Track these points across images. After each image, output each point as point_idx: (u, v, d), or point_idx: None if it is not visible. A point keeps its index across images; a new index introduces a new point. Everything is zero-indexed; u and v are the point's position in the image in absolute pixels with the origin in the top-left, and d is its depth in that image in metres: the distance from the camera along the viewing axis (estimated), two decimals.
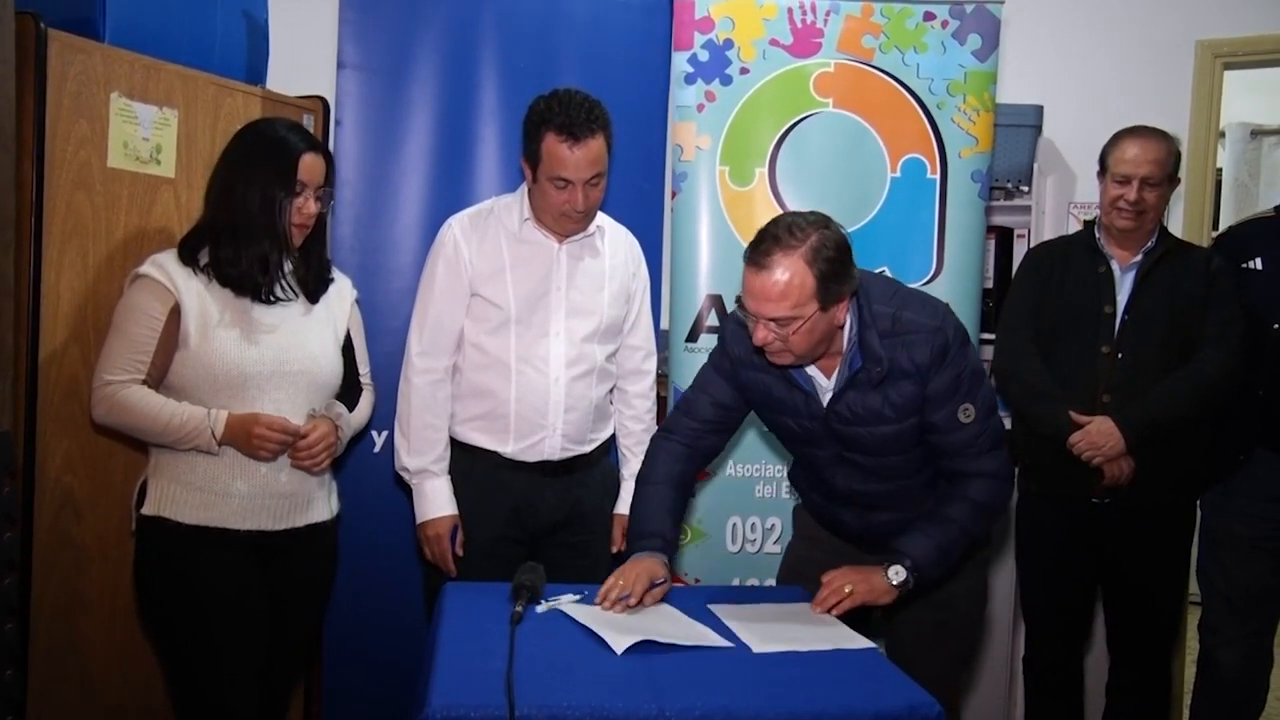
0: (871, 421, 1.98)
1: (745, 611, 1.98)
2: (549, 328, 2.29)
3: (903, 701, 1.59)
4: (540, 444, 2.34)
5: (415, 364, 2.29)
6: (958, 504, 1.99)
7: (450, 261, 2.26)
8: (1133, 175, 2.56)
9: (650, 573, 1.98)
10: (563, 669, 1.65)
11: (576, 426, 2.37)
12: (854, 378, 1.95)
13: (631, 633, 1.81)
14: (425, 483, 2.26)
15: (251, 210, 1.98)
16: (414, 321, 2.30)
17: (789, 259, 1.81)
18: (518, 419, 2.30)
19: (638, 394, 2.44)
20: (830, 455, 2.08)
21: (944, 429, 1.96)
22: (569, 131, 2.11)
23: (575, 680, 1.61)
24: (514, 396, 2.29)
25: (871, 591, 1.94)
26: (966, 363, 1.94)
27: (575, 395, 2.33)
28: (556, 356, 2.29)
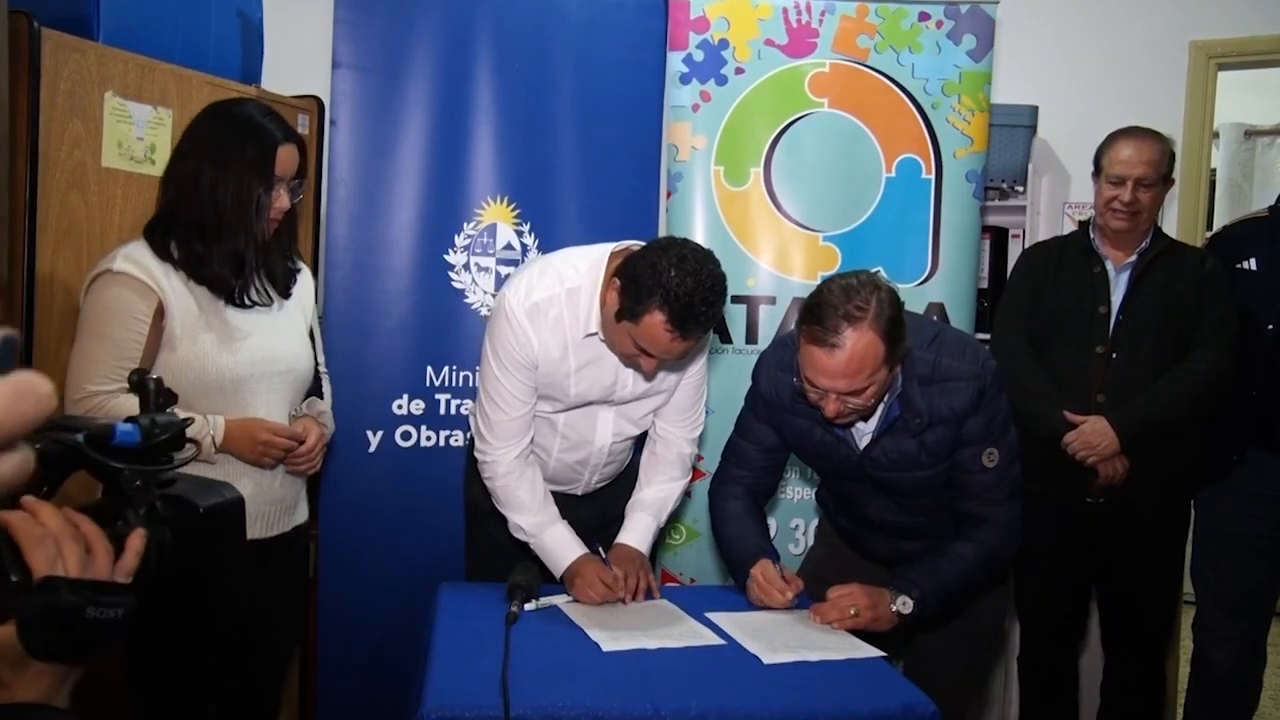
0: (906, 467, 1.98)
1: (747, 620, 1.97)
2: (605, 412, 2.22)
3: (898, 702, 1.59)
4: (573, 487, 2.32)
5: (493, 458, 2.14)
6: (971, 547, 1.99)
7: (524, 364, 2.07)
8: (1127, 176, 2.56)
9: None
10: (558, 669, 1.66)
11: (611, 473, 2.36)
12: (891, 424, 1.95)
13: (621, 637, 1.82)
14: (544, 534, 2.16)
15: (223, 204, 1.84)
16: (483, 413, 2.14)
17: (858, 331, 1.76)
18: (555, 470, 2.27)
19: (684, 438, 2.32)
20: (863, 488, 2.09)
21: (966, 469, 1.97)
22: (681, 326, 1.85)
23: (570, 680, 1.61)
24: (555, 453, 2.24)
25: (876, 620, 1.94)
26: (1000, 408, 1.95)
27: (616, 452, 2.30)
28: (604, 431, 2.23)
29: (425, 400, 2.79)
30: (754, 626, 1.93)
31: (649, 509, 2.25)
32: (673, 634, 1.87)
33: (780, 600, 2.03)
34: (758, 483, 2.20)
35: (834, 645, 1.84)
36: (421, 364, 2.78)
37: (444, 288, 2.79)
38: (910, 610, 1.95)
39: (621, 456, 2.34)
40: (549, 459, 2.24)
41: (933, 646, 2.13)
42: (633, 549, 2.18)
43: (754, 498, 2.21)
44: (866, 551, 2.23)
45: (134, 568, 0.96)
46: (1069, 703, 2.82)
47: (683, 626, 1.92)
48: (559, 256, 2.10)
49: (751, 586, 2.07)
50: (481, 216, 2.81)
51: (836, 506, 2.27)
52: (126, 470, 1.01)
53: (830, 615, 1.95)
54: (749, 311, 2.78)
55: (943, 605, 1.99)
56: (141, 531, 0.99)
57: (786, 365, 2.00)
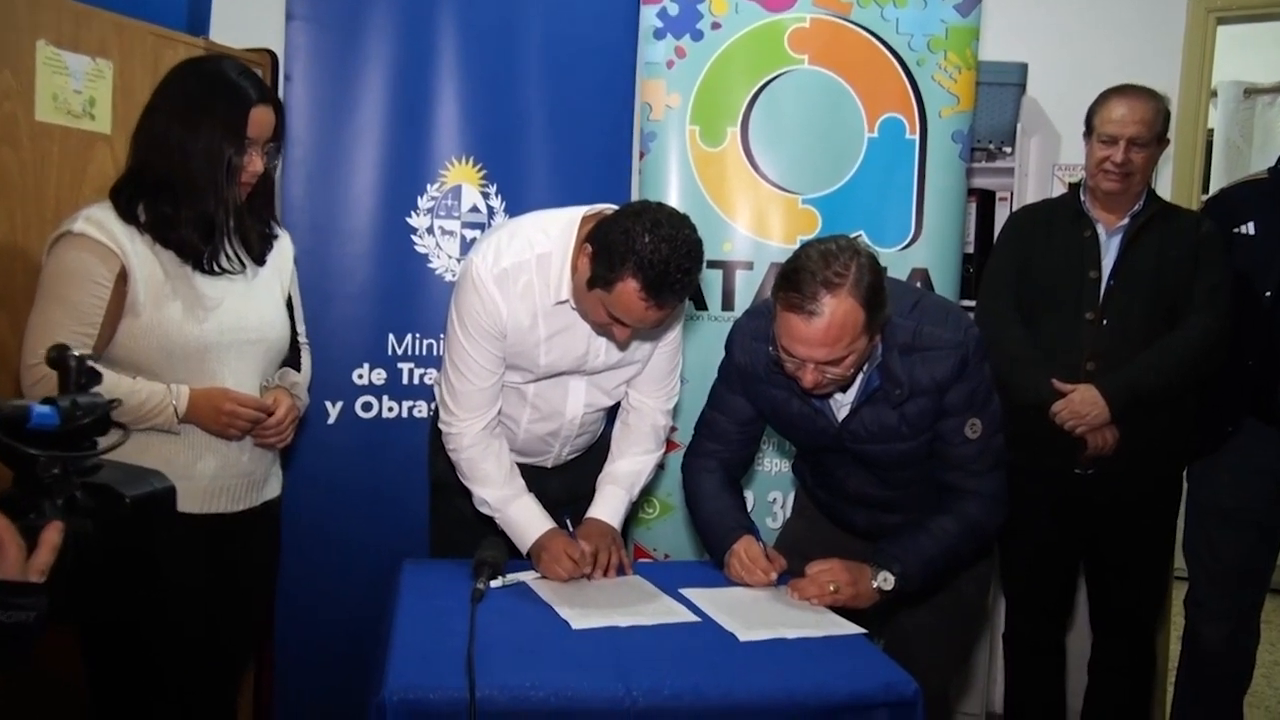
0: (886, 439, 1.99)
1: (723, 596, 1.98)
2: (576, 382, 2.22)
3: (878, 680, 1.61)
4: (543, 459, 2.33)
5: (458, 429, 2.14)
6: (954, 521, 2.00)
7: (491, 333, 2.06)
8: (1119, 135, 2.56)
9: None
10: (525, 648, 1.66)
11: (583, 444, 2.37)
12: (871, 395, 1.96)
13: (591, 615, 1.82)
14: (510, 508, 2.16)
15: (193, 165, 1.83)
16: (448, 383, 2.13)
17: (837, 298, 1.76)
18: (524, 442, 2.27)
19: (658, 409, 2.33)
20: (842, 460, 2.10)
21: (948, 440, 1.98)
22: (655, 294, 1.85)
23: (538, 660, 1.61)
24: (524, 424, 2.24)
25: (856, 597, 1.95)
26: (983, 377, 1.96)
27: (588, 424, 2.30)
28: (576, 402, 2.23)
29: (387, 370, 2.77)
30: (730, 603, 1.93)
31: (621, 482, 2.25)
32: (645, 611, 1.87)
33: (763, 580, 2.04)
34: (733, 456, 2.21)
35: (813, 622, 1.85)
36: (383, 331, 2.76)
37: (406, 252, 2.76)
38: (892, 586, 1.96)
39: (593, 428, 2.34)
40: (518, 430, 2.24)
41: (915, 623, 2.15)
42: (604, 523, 2.19)
43: (729, 471, 2.21)
44: (846, 525, 2.24)
45: (49, 565, 0.91)
46: (1056, 679, 2.84)
47: (656, 603, 1.93)
48: (528, 220, 2.09)
49: (732, 564, 2.08)
50: (446, 178, 2.78)
51: (814, 479, 2.27)
52: (43, 457, 0.96)
53: (809, 591, 1.95)
54: (725, 277, 2.77)
55: (925, 580, 2.00)
56: (58, 524, 0.94)
57: (762, 334, 2.00)
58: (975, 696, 3.24)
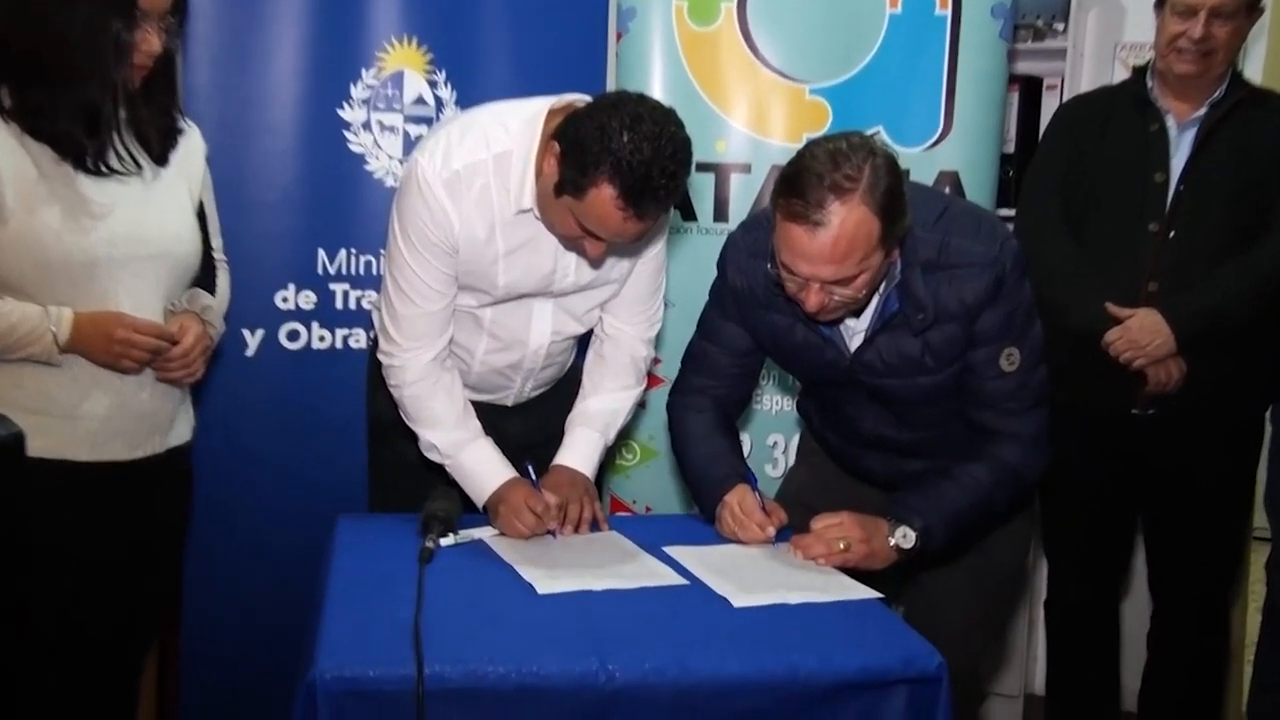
0: (906, 372, 2.00)
1: (714, 555, 2.00)
2: (542, 306, 2.23)
3: (896, 652, 1.63)
4: (502, 396, 2.35)
5: (401, 361, 2.15)
6: (987, 468, 2.02)
7: (440, 248, 2.05)
8: (1199, 4, 2.51)
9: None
10: (483, 617, 1.68)
11: (549, 378, 2.38)
12: (888, 321, 1.96)
13: (561, 578, 1.84)
14: (463, 454, 2.18)
15: (70, 42, 1.76)
16: (389, 306, 2.14)
17: (848, 206, 1.75)
18: (480, 376, 2.29)
19: (638, 338, 2.35)
20: (855, 397, 2.11)
21: (980, 373, 1.99)
22: (635, 203, 1.84)
23: (498, 631, 1.63)
24: (480, 355, 2.26)
25: (871, 556, 1.97)
26: (1022, 299, 1.96)
27: (555, 354, 2.31)
28: (541, 330, 2.24)
29: (317, 292, 2.77)
30: (722, 563, 1.95)
31: (595, 423, 2.27)
32: (624, 573, 1.89)
33: (760, 536, 2.06)
34: (727, 393, 2.23)
35: (819, 585, 1.86)
36: (311, 246, 2.76)
37: (338, 151, 2.75)
38: (912, 544, 1.98)
39: (561, 359, 2.35)
40: (472, 363, 2.26)
41: (940, 587, 2.18)
42: (574, 471, 2.21)
43: (722, 410, 2.23)
44: (859, 472, 2.27)
45: None
46: (1108, 655, 2.86)
47: (636, 564, 1.95)
48: (484, 113, 2.08)
49: (725, 517, 2.10)
50: (384, 62, 2.76)
51: (822, 420, 2.29)
52: None
53: (815, 549, 1.97)
54: (718, 182, 2.77)
55: (952, 537, 2.03)
56: None
57: (760, 250, 2.00)
58: (1011, 675, 3.28)
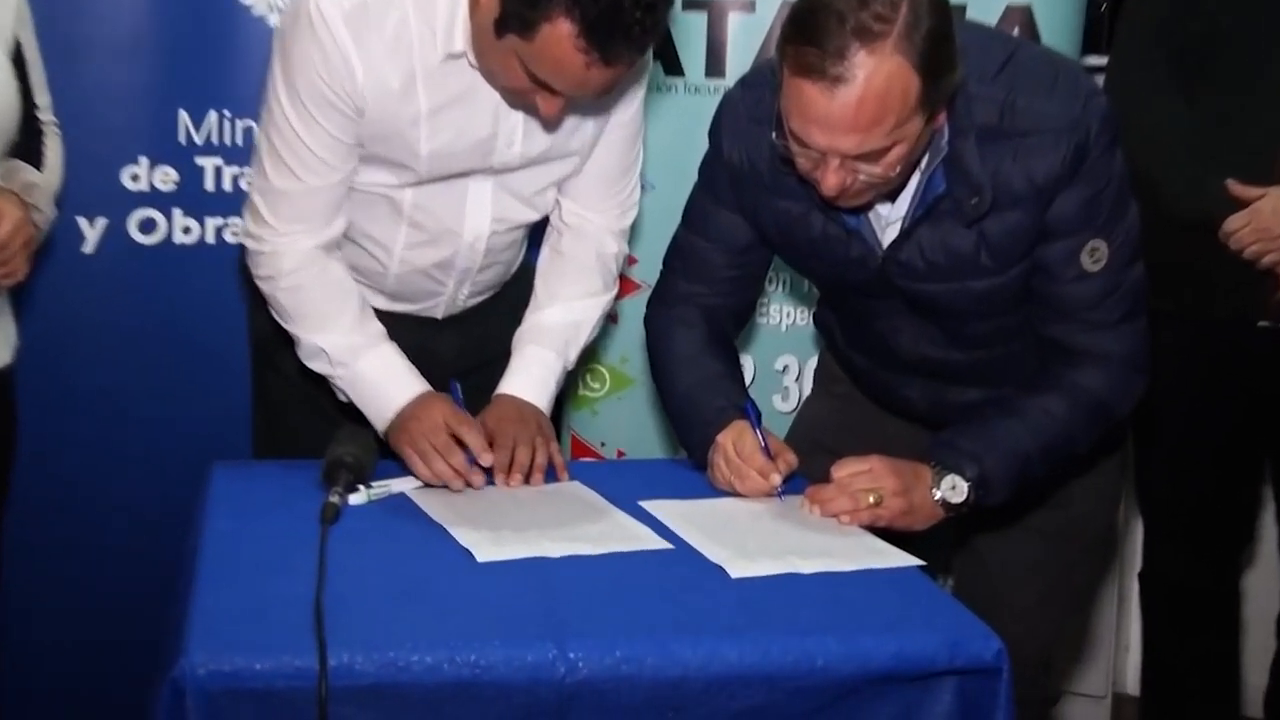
0: (955, 274, 1.99)
1: (704, 513, 2.01)
2: (479, 186, 2.22)
3: (942, 637, 1.62)
4: (429, 306, 2.38)
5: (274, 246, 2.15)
6: (1063, 399, 2.02)
7: (337, 104, 2.04)
8: None
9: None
10: (406, 593, 1.67)
11: (491, 281, 2.40)
12: (933, 207, 1.95)
13: (507, 541, 1.84)
14: (359, 362, 2.17)
15: None
16: (262, 177, 2.14)
17: (877, 56, 1.72)
18: (400, 283, 2.31)
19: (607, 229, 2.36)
20: (890, 308, 2.11)
21: (1055, 274, 1.98)
22: (600, 44, 1.82)
23: (425, 612, 1.62)
24: (399, 253, 2.27)
25: (909, 513, 1.97)
26: (1112, 175, 1.94)
27: (498, 250, 2.33)
28: (478, 217, 2.24)
29: (180, 168, 2.78)
30: (716, 522, 1.96)
31: (550, 340, 2.29)
32: (588, 535, 1.89)
33: (763, 486, 2.06)
34: (722, 302, 2.24)
35: (841, 550, 1.87)
36: (170, 108, 2.76)
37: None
38: (964, 498, 1.98)
39: (506, 257, 2.37)
40: (389, 262, 2.28)
41: (1000, 554, 2.21)
42: (523, 403, 2.22)
43: (716, 325, 2.24)
44: (895, 405, 2.29)
45: None
46: (1223, 642, 2.88)
47: (604, 524, 1.95)
48: None
49: (718, 463, 2.10)
50: None
51: (847, 337, 2.30)
52: None
53: (837, 504, 1.97)
54: (711, 24, 2.76)
55: (1015, 489, 2.03)
56: None
57: (764, 115, 1.99)
58: (1096, 668, 3.32)
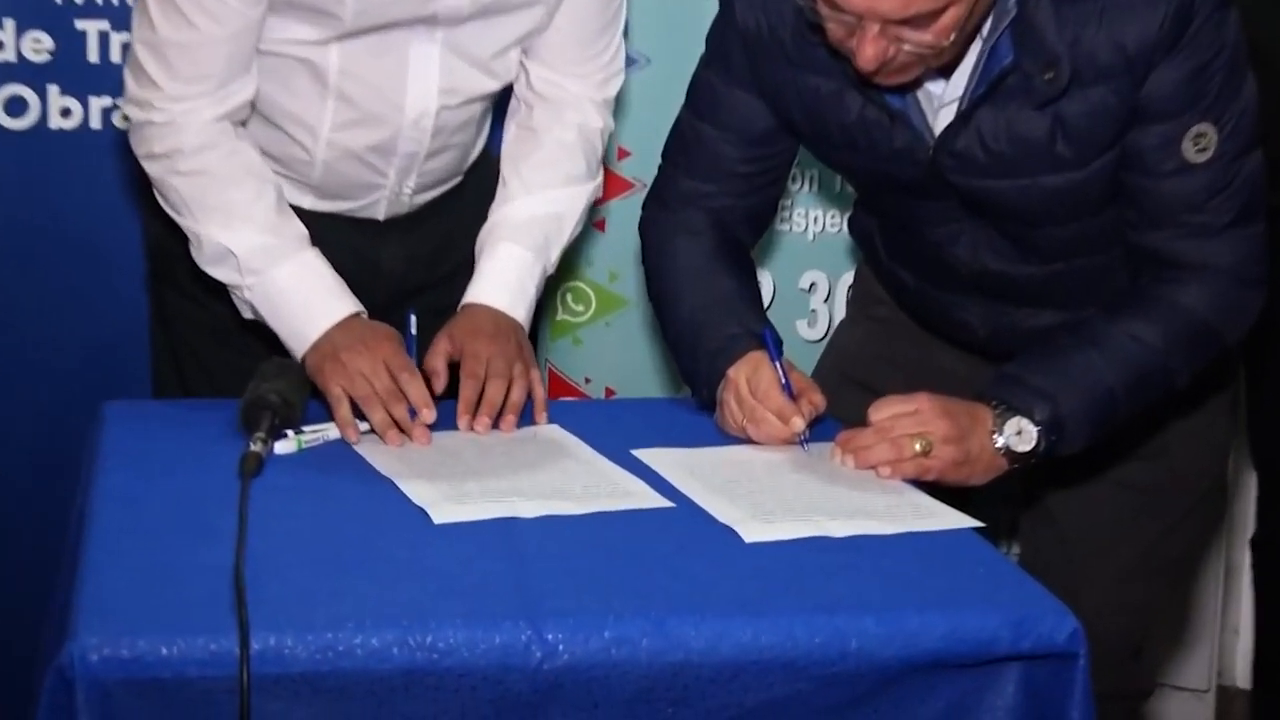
0: (1025, 168, 2.00)
1: (712, 464, 2.02)
2: (422, 46, 2.24)
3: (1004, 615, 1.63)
4: (371, 205, 2.39)
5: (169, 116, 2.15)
6: (1157, 322, 2.03)
7: None
8: None
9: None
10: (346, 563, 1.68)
11: (442, 173, 2.41)
12: (996, 84, 1.95)
13: (471, 499, 1.85)
14: (276, 269, 2.17)
15: None
16: (146, 30, 2.14)
17: None
18: (328, 174, 2.32)
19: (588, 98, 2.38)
20: (944, 211, 2.13)
21: (1150, 167, 1.99)
22: None
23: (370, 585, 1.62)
24: (326, 135, 2.28)
25: (964, 464, 1.99)
26: (1221, 45, 1.94)
27: (451, 130, 2.34)
28: (423, 86, 2.26)
29: (55, 33, 2.77)
30: (726, 475, 1.98)
31: (527, 236, 2.30)
32: (571, 491, 1.90)
33: (783, 432, 2.08)
34: (734, 204, 2.25)
35: (880, 510, 1.89)
36: None
37: None
38: (1032, 445, 1.99)
39: (462, 139, 2.39)
40: (314, 147, 2.29)
41: (1078, 515, 2.23)
42: (499, 314, 2.23)
43: (727, 233, 2.25)
44: (948, 331, 2.31)
45: None
46: None
47: (590, 477, 1.97)
48: None
49: (729, 403, 2.11)
50: None
51: (891, 248, 2.32)
52: None
53: (876, 454, 1.99)
54: None
55: (1096, 436, 2.04)
56: None
57: None
58: (1197, 657, 3.33)
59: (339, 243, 2.25)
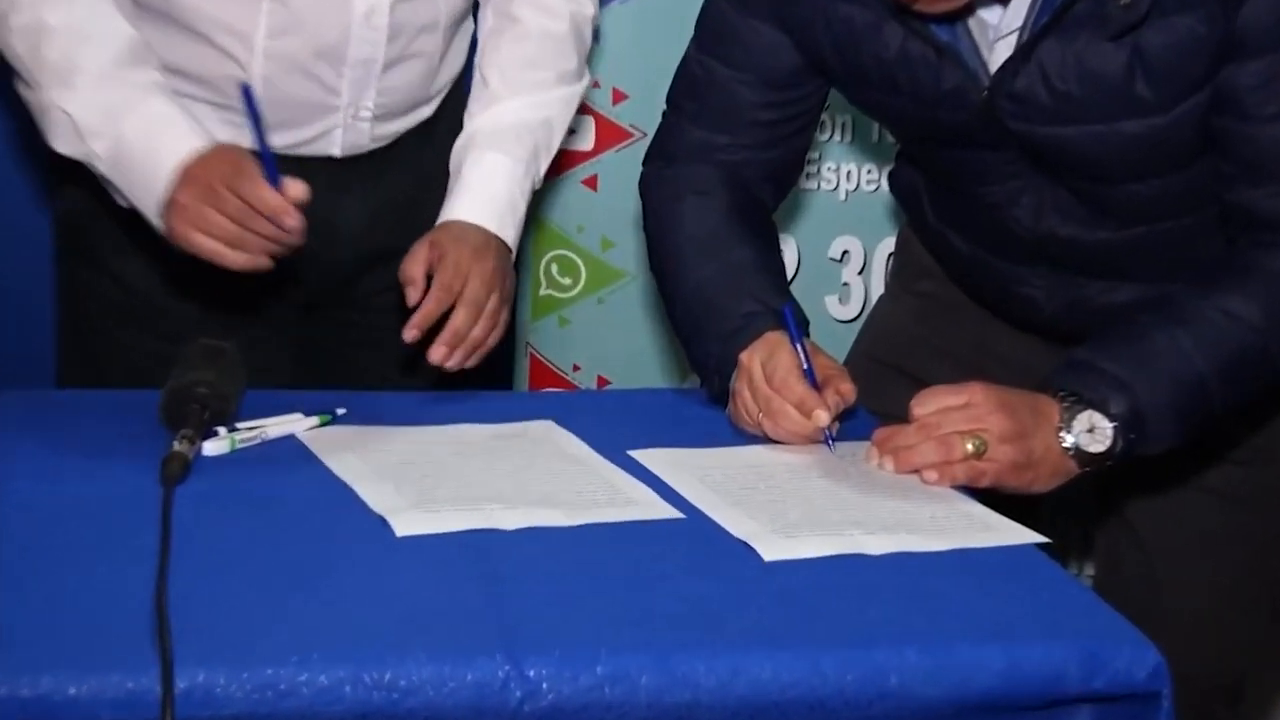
0: (1098, 111, 2.01)
1: (723, 467, 2.02)
2: None
3: (1076, 648, 1.63)
4: (325, 136, 2.39)
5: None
6: (1257, 297, 2.03)
7: None
8: None
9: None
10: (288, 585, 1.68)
11: (407, 90, 2.42)
12: (1063, 11, 1.95)
13: (441, 505, 1.85)
14: (125, 123, 2.17)
15: None
16: None
17: None
18: (271, 92, 2.30)
19: None
20: (1002, 164, 2.14)
21: (1247, 110, 2.00)
22: None
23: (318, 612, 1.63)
24: (260, 45, 2.29)
25: (1026, 467, 1.99)
26: None
27: (408, 28, 2.35)
28: None
29: None
30: (740, 480, 1.98)
31: (514, 144, 2.33)
32: (559, 498, 1.91)
33: (806, 428, 2.08)
34: (755, 159, 2.27)
35: (925, 523, 1.89)
36: None
37: None
38: (1107, 445, 2.00)
39: (428, 45, 2.41)
40: (249, 60, 2.31)
41: (1162, 529, 2.25)
42: (484, 231, 2.25)
43: (746, 193, 2.26)
44: (1008, 309, 2.32)
45: None
46: None
47: (581, 481, 1.97)
48: None
49: (743, 394, 2.12)
50: None
51: (938, 209, 2.34)
52: None
53: (920, 455, 2.00)
54: None
55: (1184, 434, 2.05)
56: None
57: None
58: None
59: (314, 204, 2.22)
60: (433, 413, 2.24)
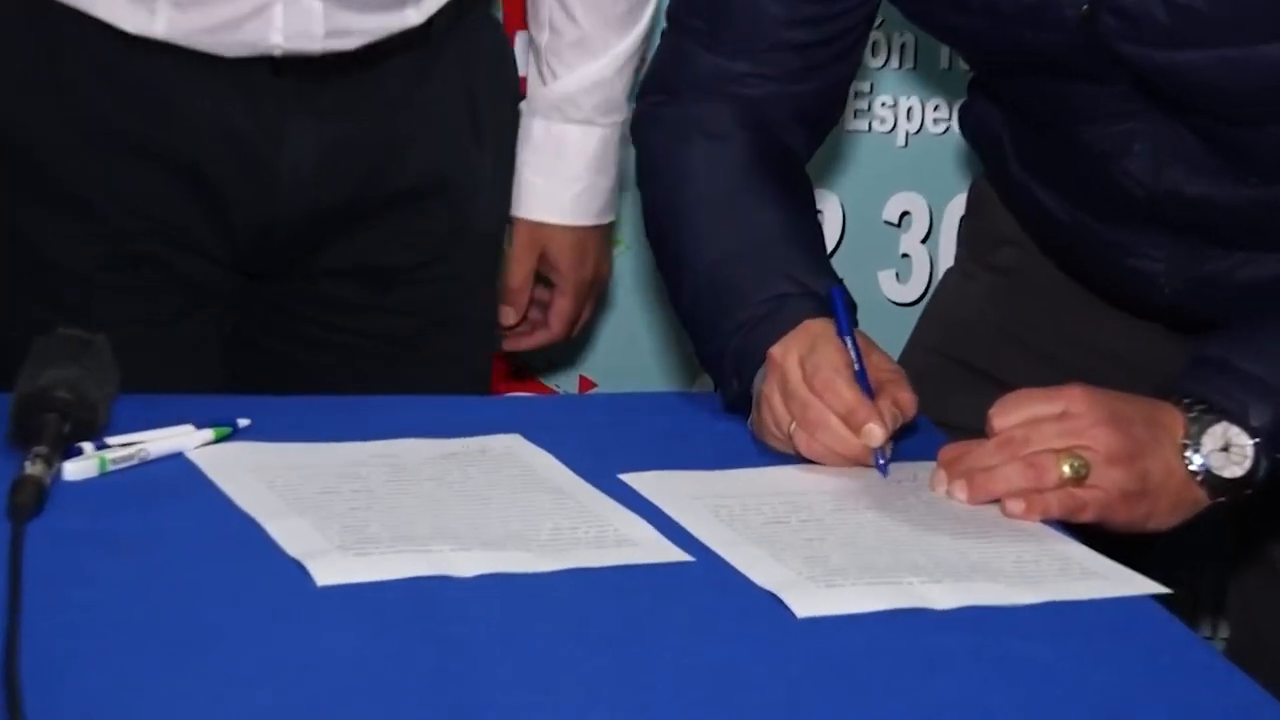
0: (1229, 32, 1.99)
1: (741, 492, 2.03)
2: None
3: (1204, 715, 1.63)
4: (262, 24, 2.37)
5: None
6: None
7: None
8: None
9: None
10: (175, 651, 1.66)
11: None
12: None
13: (377, 545, 1.86)
14: None
15: None
16: None
17: None
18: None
19: None
20: (1109, 100, 2.13)
21: None
22: None
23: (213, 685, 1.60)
24: None
25: (1141, 495, 1.98)
26: None
27: None
28: None
29: None
30: (766, 512, 1.98)
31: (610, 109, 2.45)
32: (534, 536, 1.91)
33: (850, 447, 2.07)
34: (782, 92, 2.26)
35: (1010, 567, 1.89)
36: None
37: None
38: (1246, 467, 1.98)
39: None
40: None
41: None
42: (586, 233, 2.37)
43: (773, 137, 2.27)
44: (1115, 287, 2.32)
45: None
46: None
47: (562, 513, 1.97)
48: None
49: (772, 398, 2.11)
50: None
51: (1025, 158, 2.34)
52: None
53: (1002, 479, 1.99)
54: None
55: None
56: None
57: None
58: None
59: (211, 117, 2.26)
60: (364, 423, 2.23)
